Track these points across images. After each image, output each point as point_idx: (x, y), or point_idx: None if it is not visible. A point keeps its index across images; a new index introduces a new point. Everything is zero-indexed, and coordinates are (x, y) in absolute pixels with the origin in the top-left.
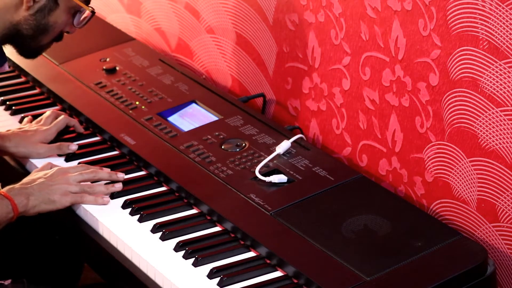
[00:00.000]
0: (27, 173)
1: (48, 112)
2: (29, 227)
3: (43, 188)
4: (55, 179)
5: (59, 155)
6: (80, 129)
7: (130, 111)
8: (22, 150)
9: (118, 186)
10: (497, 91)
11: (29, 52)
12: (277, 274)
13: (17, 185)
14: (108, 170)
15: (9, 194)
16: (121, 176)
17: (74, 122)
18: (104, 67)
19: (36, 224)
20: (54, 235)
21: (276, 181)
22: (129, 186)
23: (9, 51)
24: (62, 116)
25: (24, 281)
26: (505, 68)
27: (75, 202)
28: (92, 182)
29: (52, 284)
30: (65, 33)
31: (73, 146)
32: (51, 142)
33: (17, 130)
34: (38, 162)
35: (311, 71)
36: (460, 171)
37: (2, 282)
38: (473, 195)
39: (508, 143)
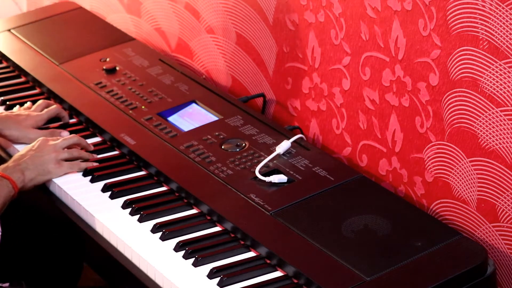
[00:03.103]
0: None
1: (40, 101)
2: (27, 228)
3: (35, 161)
4: (43, 150)
5: None
6: (67, 120)
7: (130, 111)
8: (14, 133)
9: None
10: (497, 91)
11: None
12: (277, 274)
13: (10, 163)
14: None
15: (5, 173)
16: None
17: (64, 114)
18: (104, 67)
19: (34, 225)
20: (54, 236)
21: (276, 181)
22: (129, 186)
23: (9, 50)
24: (54, 106)
25: (23, 284)
26: (505, 68)
27: (71, 170)
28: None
29: (51, 285)
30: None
31: (65, 133)
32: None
33: (9, 113)
34: (21, 148)
35: (311, 71)
36: (460, 171)
37: (1, 284)
38: (473, 195)
39: (508, 143)
